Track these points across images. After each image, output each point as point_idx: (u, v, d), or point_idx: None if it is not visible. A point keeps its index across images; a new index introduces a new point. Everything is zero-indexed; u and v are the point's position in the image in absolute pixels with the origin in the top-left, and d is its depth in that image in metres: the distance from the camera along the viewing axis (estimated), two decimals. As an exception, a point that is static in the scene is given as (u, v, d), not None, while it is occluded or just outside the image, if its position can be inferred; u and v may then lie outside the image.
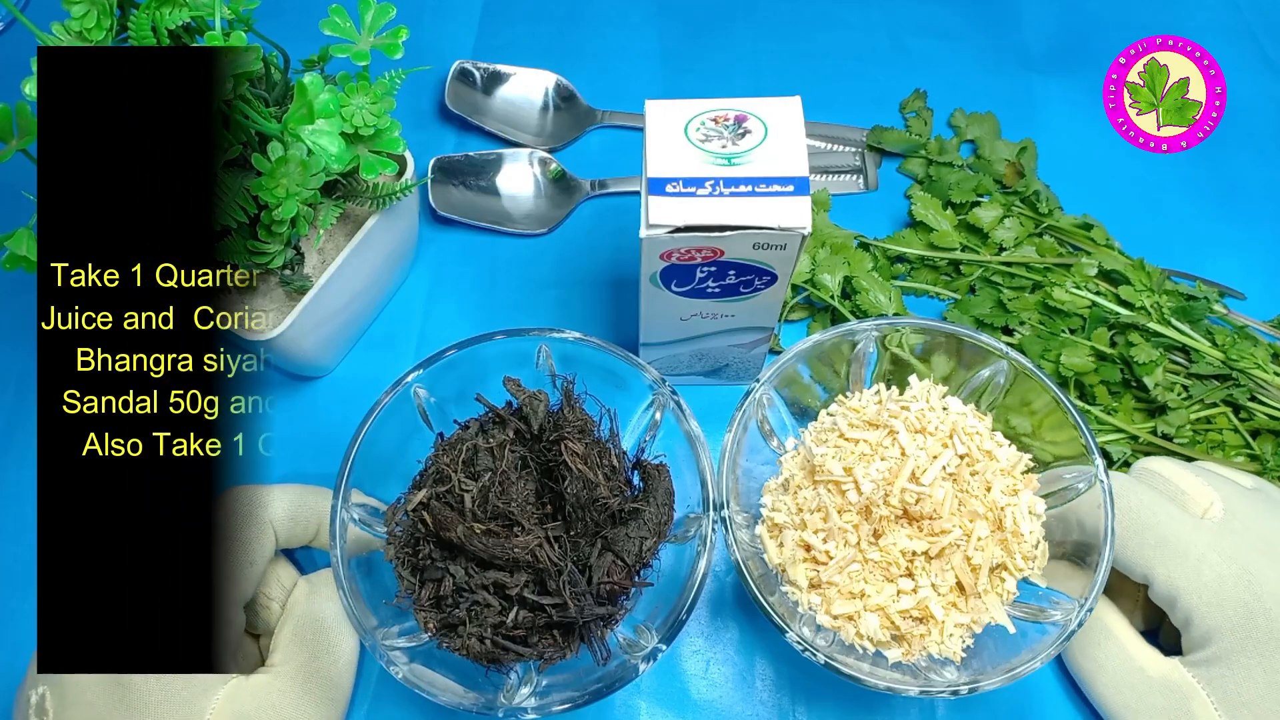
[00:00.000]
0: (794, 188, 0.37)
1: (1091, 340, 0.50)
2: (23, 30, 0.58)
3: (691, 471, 0.41)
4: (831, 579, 0.39)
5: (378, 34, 0.42)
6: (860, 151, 0.60)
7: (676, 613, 0.38)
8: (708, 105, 0.39)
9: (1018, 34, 0.66)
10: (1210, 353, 0.49)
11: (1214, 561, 0.39)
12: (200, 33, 0.41)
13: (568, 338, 0.42)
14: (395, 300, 0.55)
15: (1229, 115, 0.59)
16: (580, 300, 0.55)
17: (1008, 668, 0.37)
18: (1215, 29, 0.66)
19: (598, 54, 0.64)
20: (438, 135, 0.61)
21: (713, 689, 0.45)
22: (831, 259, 0.53)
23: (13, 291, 0.54)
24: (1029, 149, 0.58)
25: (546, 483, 0.41)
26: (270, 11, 0.45)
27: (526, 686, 0.39)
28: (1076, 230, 0.54)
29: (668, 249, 0.38)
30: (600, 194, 0.58)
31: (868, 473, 0.40)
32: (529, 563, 0.38)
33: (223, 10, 0.40)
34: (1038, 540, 0.40)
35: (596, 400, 0.42)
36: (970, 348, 0.44)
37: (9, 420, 0.52)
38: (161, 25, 0.39)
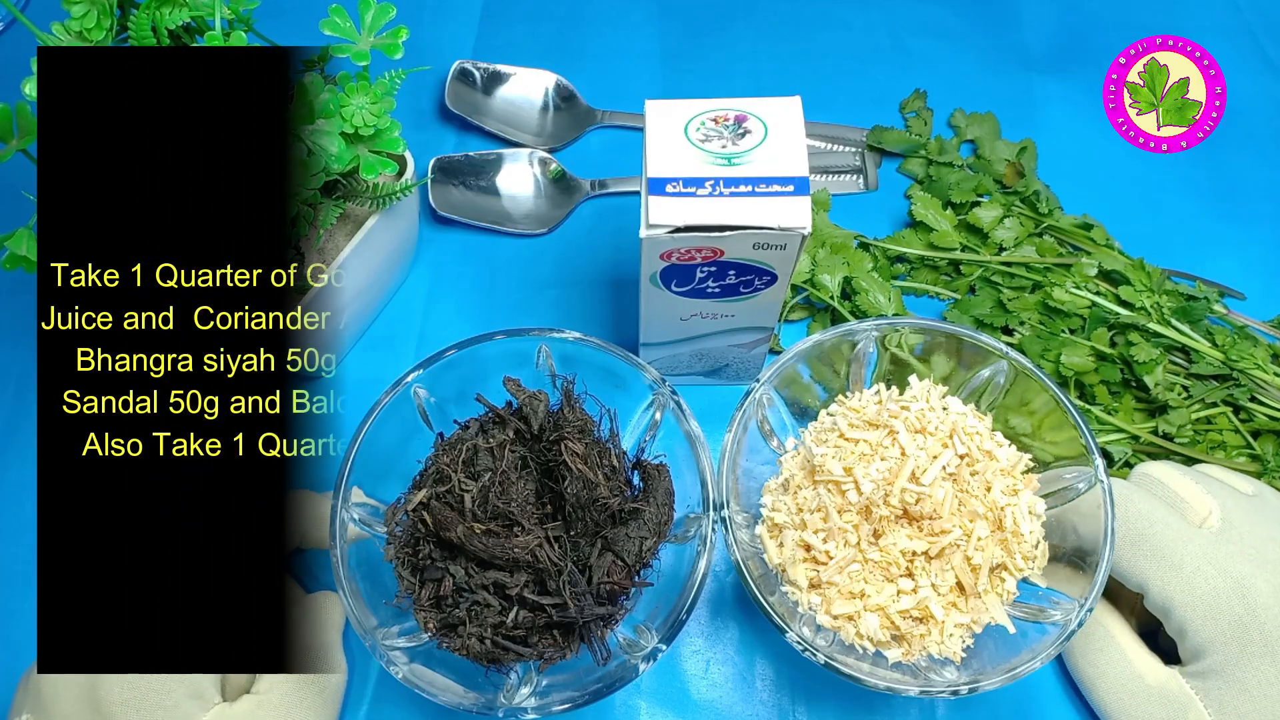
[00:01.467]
0: (794, 188, 0.37)
1: (1091, 340, 0.50)
2: (23, 30, 0.58)
3: (691, 471, 0.41)
4: (831, 579, 0.39)
5: (378, 34, 0.42)
6: (860, 151, 0.60)
7: (676, 613, 0.38)
8: (708, 105, 0.39)
9: (1018, 34, 0.66)
10: (1210, 353, 0.49)
11: (1208, 574, 0.39)
12: (200, 33, 0.41)
13: (568, 338, 0.42)
14: (395, 300, 0.55)
15: (1229, 115, 0.59)
16: (580, 300, 0.55)
17: (1008, 668, 0.37)
18: (1215, 29, 0.66)
19: (598, 54, 0.64)
20: (438, 135, 0.61)
21: (713, 689, 0.45)
22: (831, 259, 0.53)
23: (13, 291, 0.54)
24: (1029, 149, 0.58)
25: (546, 483, 0.41)
26: (270, 11, 0.45)
27: (526, 686, 0.39)
28: (1076, 230, 0.54)
29: (668, 249, 0.38)
30: (600, 194, 0.58)
31: (868, 473, 0.40)
32: (529, 563, 0.38)
33: (223, 10, 0.40)
34: (1038, 540, 0.40)
35: (596, 400, 0.42)
36: (970, 348, 0.44)
37: (9, 420, 0.52)
38: (161, 25, 0.39)
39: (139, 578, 0.31)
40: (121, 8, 0.40)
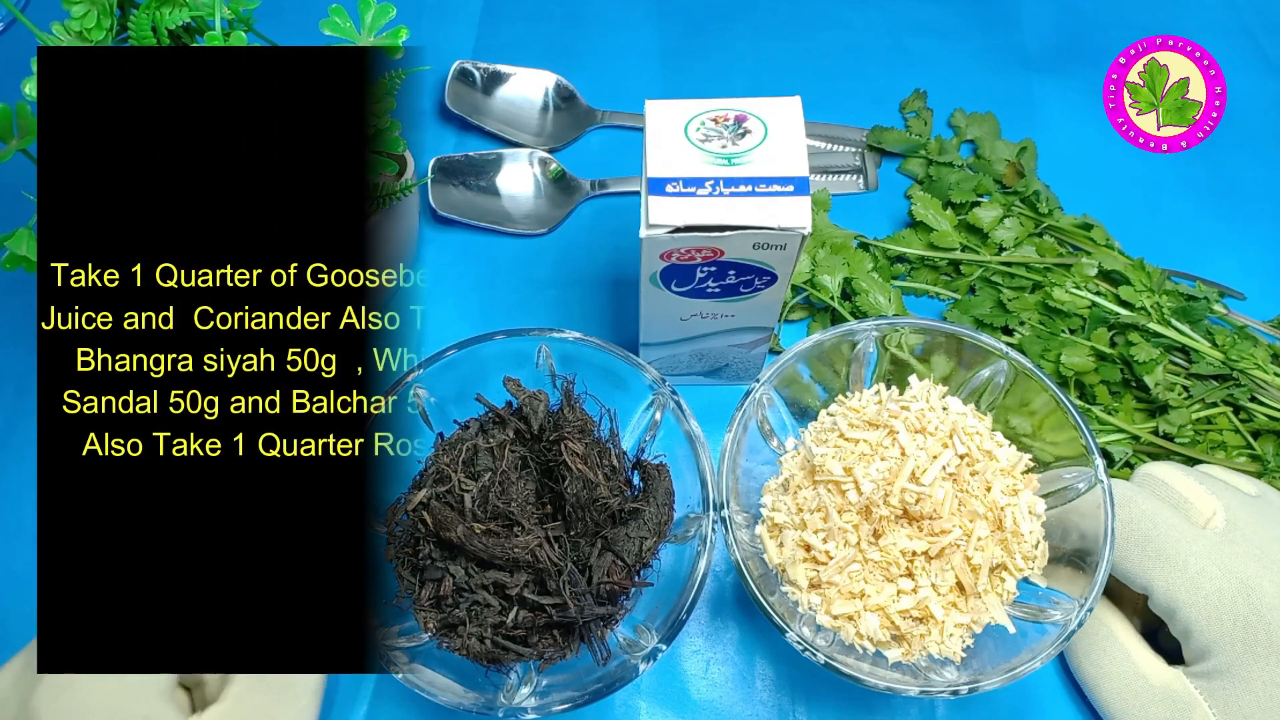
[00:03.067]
0: (794, 188, 0.37)
1: (1091, 340, 0.50)
2: (23, 30, 0.58)
3: (691, 471, 0.41)
4: (831, 579, 0.39)
5: (378, 34, 0.42)
6: (860, 151, 0.60)
7: (676, 613, 0.38)
8: (708, 105, 0.39)
9: (1017, 34, 0.66)
10: (1210, 353, 0.49)
11: (1213, 575, 0.39)
12: (200, 33, 0.41)
13: (568, 338, 0.42)
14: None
15: (1229, 115, 0.59)
16: (580, 300, 0.55)
17: (1008, 668, 0.37)
18: (1215, 29, 0.66)
19: (598, 54, 0.64)
20: (438, 135, 0.61)
21: (713, 689, 0.45)
22: (831, 259, 0.53)
23: (13, 291, 0.54)
24: (1029, 149, 0.58)
25: (546, 483, 0.41)
26: (270, 11, 0.45)
27: (526, 686, 0.39)
28: (1076, 230, 0.54)
29: (668, 249, 0.38)
30: (600, 194, 0.58)
31: (868, 473, 0.40)
32: (529, 563, 0.38)
33: (223, 10, 0.40)
34: (1038, 540, 0.40)
35: (596, 400, 0.42)
36: (970, 348, 0.44)
37: (9, 420, 0.51)
38: (161, 25, 0.39)
39: (139, 577, 0.31)
40: (121, 8, 0.40)
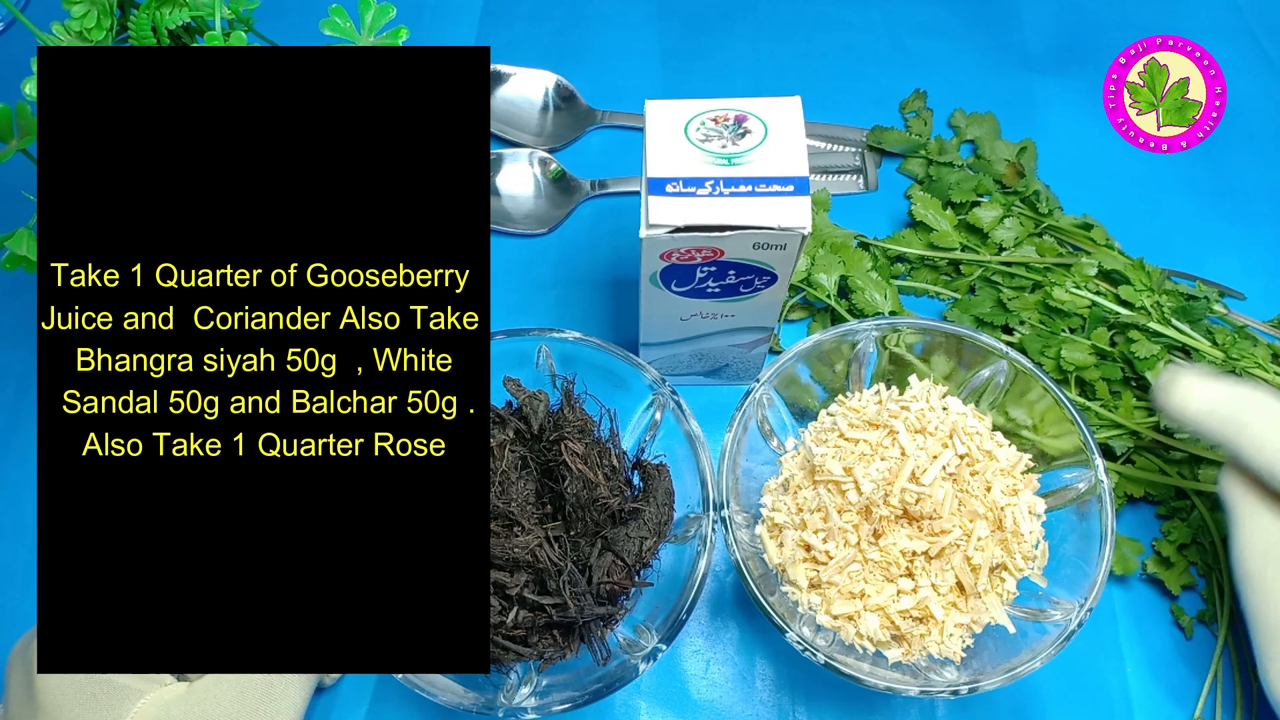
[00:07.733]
0: (794, 188, 0.37)
1: (1091, 340, 0.50)
2: (23, 30, 0.58)
3: (691, 471, 0.41)
4: (831, 579, 0.39)
5: (378, 34, 0.42)
6: (860, 151, 0.60)
7: (676, 613, 0.38)
8: (708, 105, 0.39)
9: (1017, 34, 0.66)
10: (1210, 352, 0.49)
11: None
12: (200, 33, 0.41)
13: (568, 338, 0.42)
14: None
15: (1229, 115, 0.59)
16: (580, 300, 0.55)
17: (1008, 668, 0.37)
18: (1215, 29, 0.66)
19: (598, 54, 0.65)
20: (438, 135, 0.61)
21: (713, 689, 0.45)
22: (827, 258, 0.53)
23: (13, 291, 0.54)
24: (1029, 149, 0.58)
25: (546, 483, 0.41)
26: (270, 11, 0.45)
27: (526, 686, 0.39)
28: (1076, 230, 0.54)
29: (668, 249, 0.38)
30: (600, 194, 0.58)
31: (868, 473, 0.40)
32: (529, 563, 0.38)
33: (223, 10, 0.40)
34: (1038, 540, 0.40)
35: (596, 400, 0.42)
36: (970, 347, 0.44)
37: (9, 420, 0.51)
38: (161, 25, 0.39)
39: (139, 577, 0.31)
40: (121, 8, 0.40)
